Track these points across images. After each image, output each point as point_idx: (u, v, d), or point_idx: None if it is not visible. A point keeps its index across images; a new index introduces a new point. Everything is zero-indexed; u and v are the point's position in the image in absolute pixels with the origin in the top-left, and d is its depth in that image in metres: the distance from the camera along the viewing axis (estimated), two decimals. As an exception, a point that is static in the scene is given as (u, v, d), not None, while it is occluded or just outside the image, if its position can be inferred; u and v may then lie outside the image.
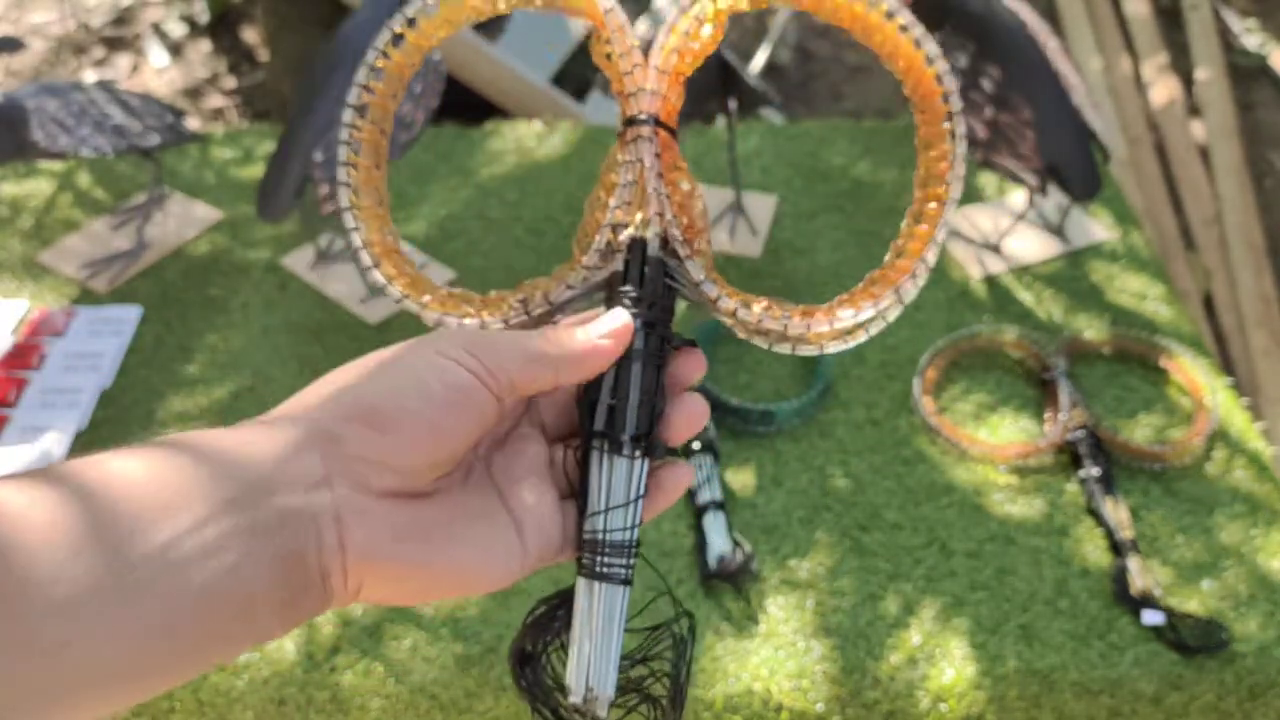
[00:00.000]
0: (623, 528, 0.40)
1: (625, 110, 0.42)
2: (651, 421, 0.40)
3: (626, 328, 0.40)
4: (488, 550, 0.39)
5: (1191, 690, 0.87)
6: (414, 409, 0.37)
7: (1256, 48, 2.38)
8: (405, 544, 0.37)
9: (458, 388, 0.38)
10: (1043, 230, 1.28)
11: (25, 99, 1.12)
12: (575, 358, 0.40)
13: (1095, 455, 1.00)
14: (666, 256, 0.42)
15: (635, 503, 0.40)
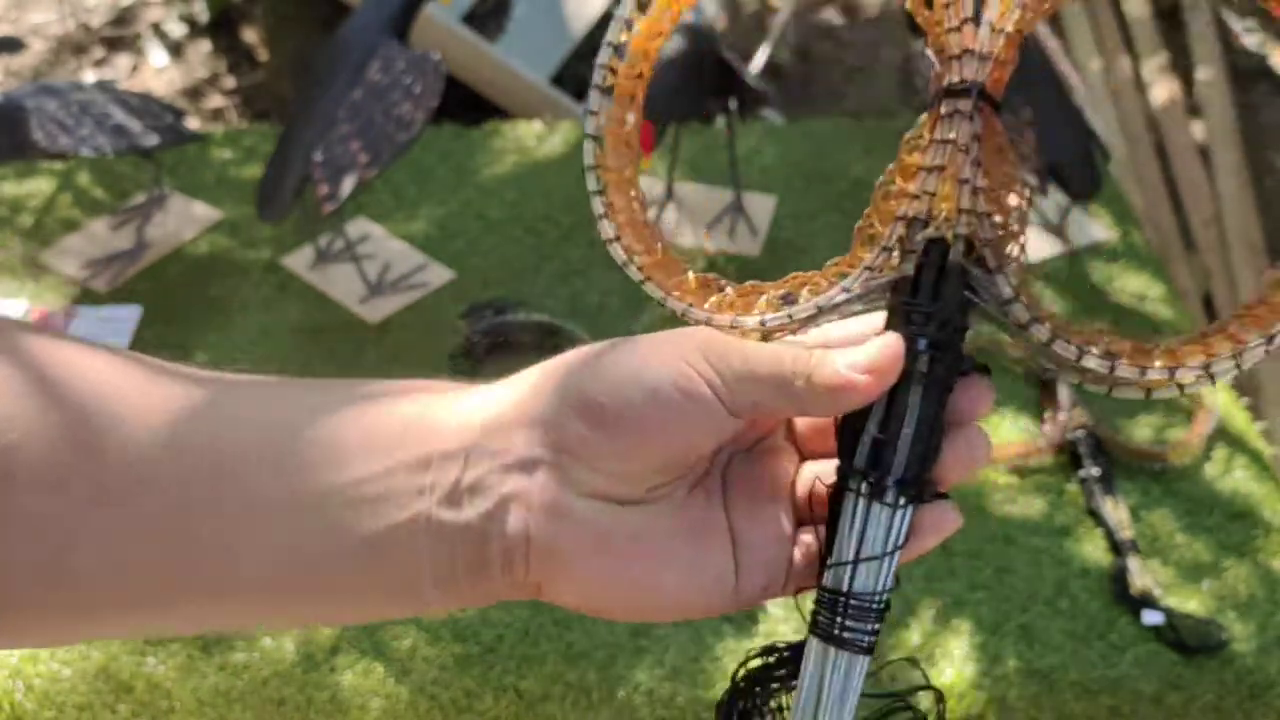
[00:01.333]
0: (873, 588, 0.35)
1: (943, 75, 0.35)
2: (925, 464, 0.34)
3: (895, 359, 0.33)
4: (694, 576, 0.35)
5: (1191, 690, 0.87)
6: (644, 412, 0.33)
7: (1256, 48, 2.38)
8: (598, 552, 0.33)
9: (694, 397, 0.33)
10: (1043, 230, 1.28)
11: (25, 99, 1.12)
12: (826, 392, 0.33)
13: (1095, 455, 1.00)
14: (970, 265, 0.34)
15: (890, 556, 0.35)
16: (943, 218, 0.33)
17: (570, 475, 0.33)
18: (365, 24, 1.12)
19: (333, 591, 0.34)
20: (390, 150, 1.09)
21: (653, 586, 0.34)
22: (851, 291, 0.34)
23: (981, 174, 0.34)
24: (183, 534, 0.32)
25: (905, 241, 0.34)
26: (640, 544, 0.34)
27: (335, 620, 0.33)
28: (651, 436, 0.33)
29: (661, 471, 0.34)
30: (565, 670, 0.87)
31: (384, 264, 1.23)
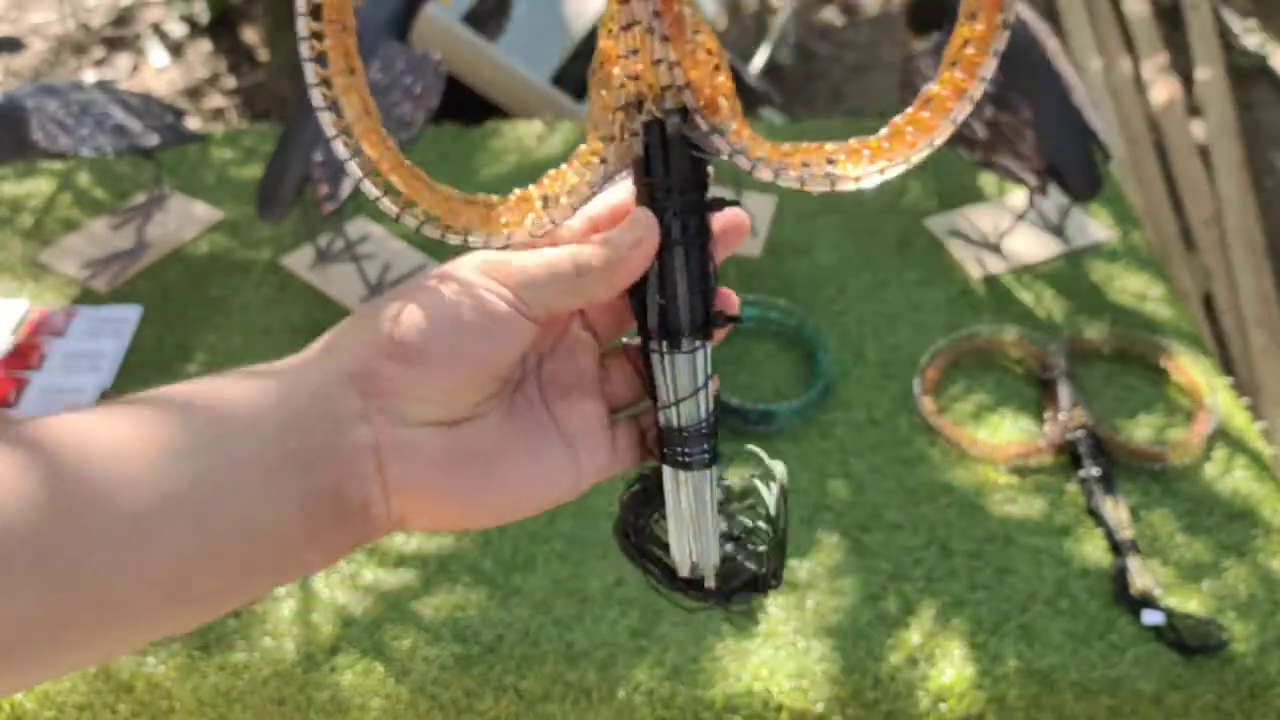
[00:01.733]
0: (698, 417, 0.39)
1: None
2: (707, 306, 0.38)
3: (648, 229, 0.38)
4: (537, 470, 0.39)
5: (1191, 690, 0.87)
6: (448, 341, 0.36)
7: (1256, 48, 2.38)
8: (446, 472, 0.37)
9: (493, 316, 0.37)
10: (1043, 230, 1.28)
11: (25, 99, 1.12)
12: (600, 276, 0.38)
13: (1095, 455, 1.00)
14: (688, 130, 0.37)
15: (703, 389, 0.39)
16: (651, 98, 0.37)
17: (400, 413, 0.36)
18: (365, 24, 1.12)
19: (219, 587, 0.35)
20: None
21: (500, 490, 0.38)
22: (598, 186, 0.39)
23: (671, 48, 0.36)
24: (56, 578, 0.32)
25: (627, 128, 0.37)
26: (480, 456, 0.38)
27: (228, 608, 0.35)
28: (462, 359, 0.37)
29: (480, 388, 0.37)
30: (565, 670, 0.87)
31: (384, 264, 1.23)
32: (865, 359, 1.12)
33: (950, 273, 1.23)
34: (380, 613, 0.91)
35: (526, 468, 0.39)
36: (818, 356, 1.10)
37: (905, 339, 1.15)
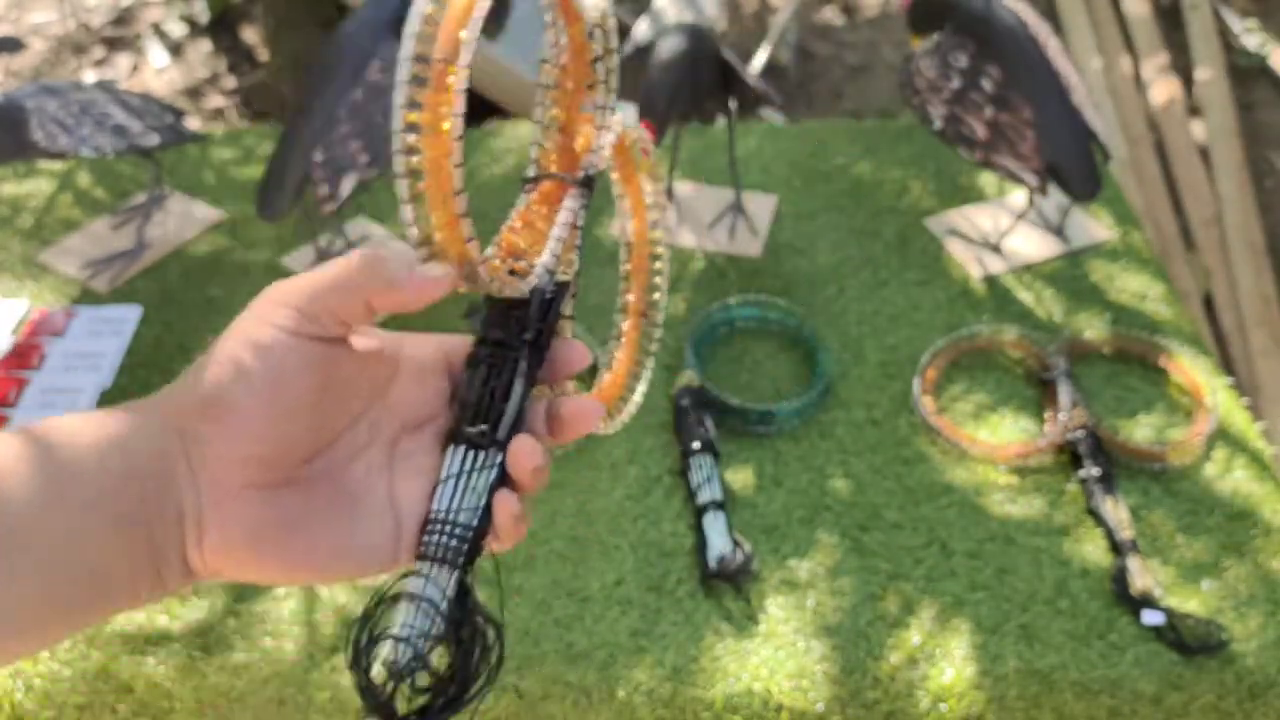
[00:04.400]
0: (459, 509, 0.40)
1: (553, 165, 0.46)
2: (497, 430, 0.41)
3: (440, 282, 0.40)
4: (351, 541, 0.39)
5: (1191, 690, 0.87)
6: (241, 395, 0.37)
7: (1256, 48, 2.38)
8: (259, 542, 0.38)
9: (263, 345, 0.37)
10: (1043, 230, 1.28)
11: (25, 99, 1.12)
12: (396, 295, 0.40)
13: (1095, 455, 1.00)
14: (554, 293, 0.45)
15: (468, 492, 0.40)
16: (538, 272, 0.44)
17: (223, 476, 0.37)
18: (365, 24, 1.12)
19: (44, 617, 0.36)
20: (390, 150, 1.09)
21: (311, 558, 0.39)
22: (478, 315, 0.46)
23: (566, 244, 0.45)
24: None
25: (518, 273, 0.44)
26: (298, 523, 0.38)
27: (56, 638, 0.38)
28: (262, 414, 0.37)
29: (298, 437, 0.38)
30: (565, 670, 0.87)
31: (384, 264, 1.23)
32: (865, 359, 1.12)
33: (950, 272, 1.23)
34: (380, 613, 0.91)
35: (342, 539, 0.39)
36: (818, 356, 1.10)
37: (905, 339, 1.15)
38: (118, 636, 0.90)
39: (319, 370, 0.38)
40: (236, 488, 0.37)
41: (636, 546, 0.96)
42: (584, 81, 0.46)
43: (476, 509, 0.40)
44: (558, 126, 0.46)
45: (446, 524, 0.40)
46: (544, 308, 0.44)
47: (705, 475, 0.99)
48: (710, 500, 0.97)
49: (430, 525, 0.40)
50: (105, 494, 0.36)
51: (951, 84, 1.16)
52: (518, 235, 0.45)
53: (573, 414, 0.42)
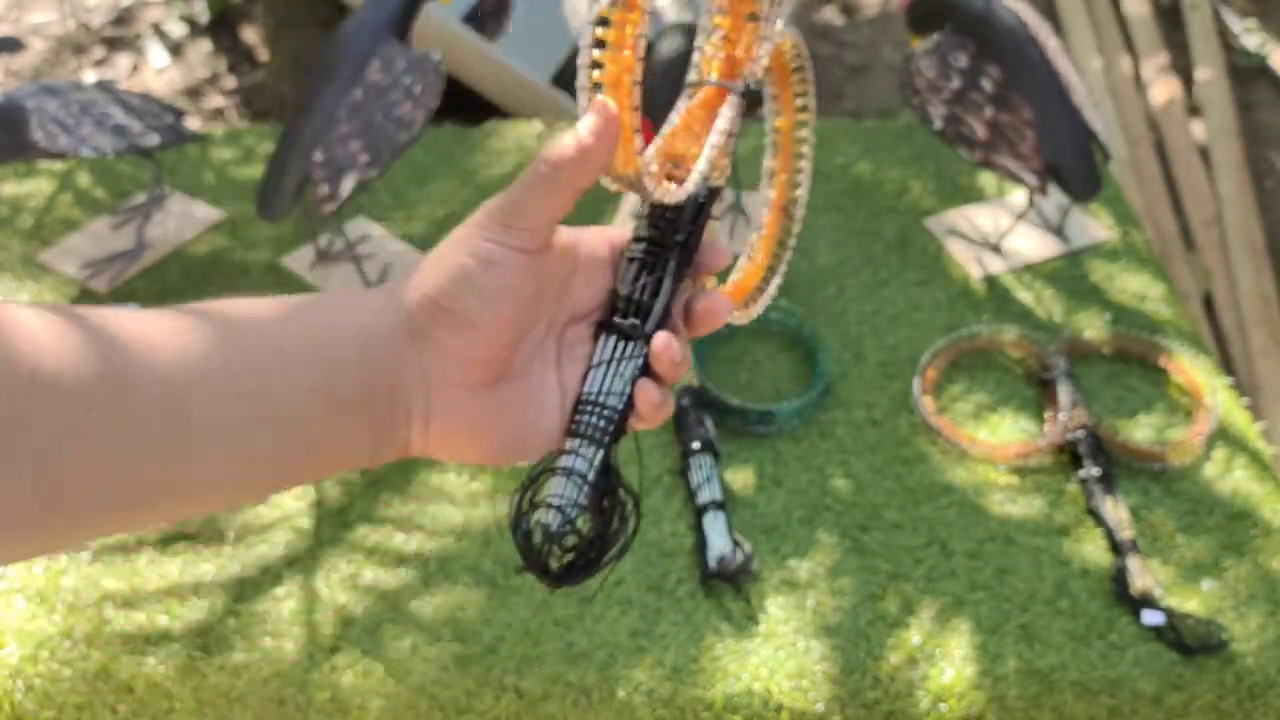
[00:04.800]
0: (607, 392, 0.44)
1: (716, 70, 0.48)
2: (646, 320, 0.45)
3: (609, 115, 0.42)
4: (538, 427, 0.44)
5: (1191, 690, 0.87)
6: (474, 305, 0.41)
7: (1256, 48, 2.38)
8: (476, 432, 0.43)
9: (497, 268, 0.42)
10: (1043, 230, 1.28)
11: (25, 99, 1.12)
12: (571, 164, 0.42)
13: (1095, 455, 1.00)
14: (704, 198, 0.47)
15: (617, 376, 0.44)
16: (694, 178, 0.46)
17: (451, 376, 0.42)
18: (365, 24, 1.12)
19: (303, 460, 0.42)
20: (390, 150, 1.09)
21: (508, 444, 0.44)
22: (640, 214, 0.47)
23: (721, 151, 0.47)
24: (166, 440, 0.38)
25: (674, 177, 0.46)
26: (501, 417, 0.43)
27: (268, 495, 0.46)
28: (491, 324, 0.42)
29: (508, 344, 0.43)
30: (565, 670, 0.87)
31: (384, 264, 1.23)
32: (865, 359, 1.12)
33: (950, 272, 1.23)
34: (380, 613, 0.91)
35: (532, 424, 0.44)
36: (818, 356, 1.10)
37: (905, 339, 1.15)
38: (118, 636, 0.90)
39: (532, 279, 0.43)
40: (462, 386, 0.42)
41: (636, 546, 0.96)
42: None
43: (622, 394, 0.44)
44: (721, 34, 0.48)
45: (595, 405, 0.44)
46: (696, 211, 0.47)
47: (705, 475, 0.98)
48: (710, 500, 0.97)
49: (581, 406, 0.44)
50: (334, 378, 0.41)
51: (951, 84, 1.16)
52: (677, 139, 0.47)
53: (705, 309, 0.45)
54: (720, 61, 0.48)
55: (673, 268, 0.45)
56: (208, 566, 0.95)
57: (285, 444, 0.41)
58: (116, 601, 0.92)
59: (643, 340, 0.44)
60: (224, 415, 0.39)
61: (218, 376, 0.39)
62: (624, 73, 0.42)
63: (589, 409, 0.44)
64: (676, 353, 0.44)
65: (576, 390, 0.45)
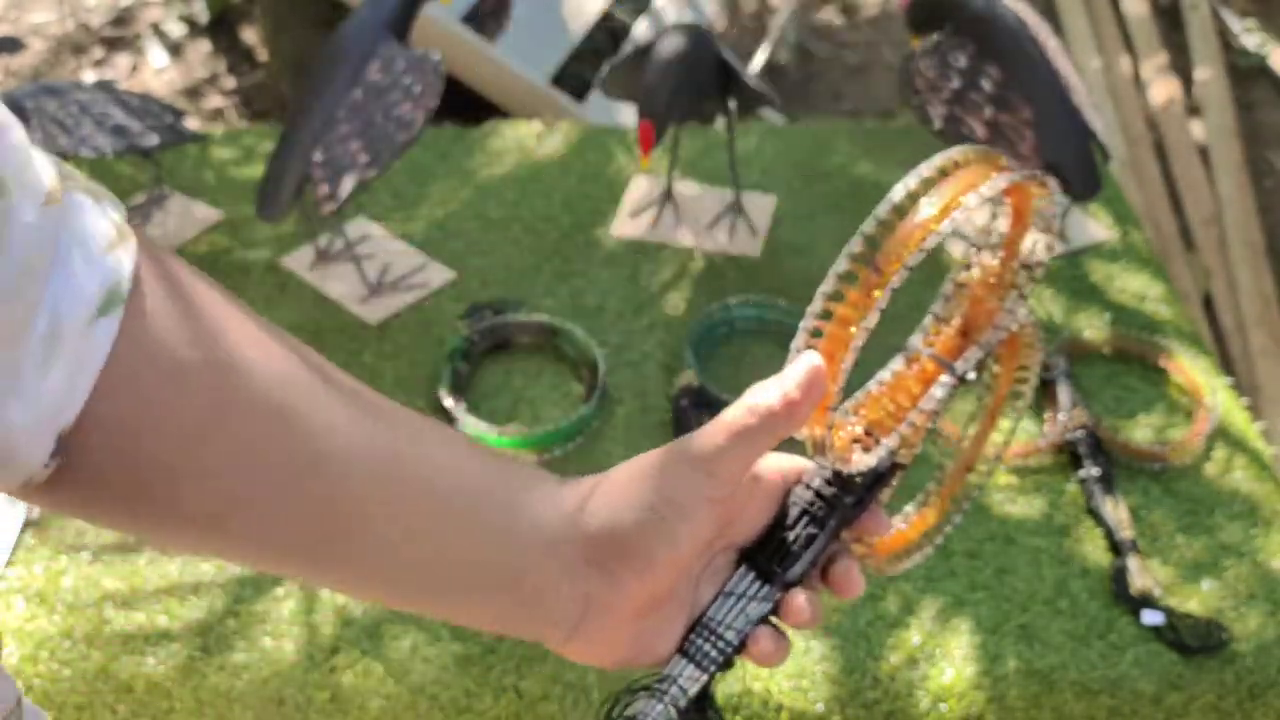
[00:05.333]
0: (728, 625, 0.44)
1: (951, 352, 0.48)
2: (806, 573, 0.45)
3: (818, 374, 0.43)
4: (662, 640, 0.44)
5: (1191, 690, 0.87)
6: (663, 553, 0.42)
7: (1256, 48, 2.38)
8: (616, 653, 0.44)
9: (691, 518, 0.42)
10: (1043, 230, 1.28)
11: (25, 99, 1.12)
12: (779, 414, 0.42)
13: (1095, 455, 1.00)
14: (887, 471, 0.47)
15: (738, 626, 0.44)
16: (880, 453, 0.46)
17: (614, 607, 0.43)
18: (365, 24, 1.12)
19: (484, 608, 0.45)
20: (390, 150, 1.09)
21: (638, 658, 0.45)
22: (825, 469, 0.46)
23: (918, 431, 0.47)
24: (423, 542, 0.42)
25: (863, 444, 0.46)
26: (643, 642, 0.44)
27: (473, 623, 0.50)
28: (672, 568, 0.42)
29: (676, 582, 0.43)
30: (565, 670, 0.87)
31: (384, 264, 1.23)
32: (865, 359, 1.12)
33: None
34: (380, 613, 0.91)
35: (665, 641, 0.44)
36: (818, 356, 1.10)
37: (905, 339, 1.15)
38: (118, 636, 0.90)
39: (717, 524, 0.43)
40: (622, 620, 0.43)
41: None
42: (1002, 282, 0.48)
43: (741, 631, 0.44)
44: (961, 313, 0.49)
45: (712, 634, 0.44)
46: (875, 480, 0.46)
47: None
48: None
49: (698, 629, 0.44)
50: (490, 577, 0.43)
51: (951, 84, 1.16)
52: (878, 403, 0.47)
53: (843, 576, 0.46)
54: (947, 338, 0.49)
55: (832, 526, 0.45)
56: (208, 566, 0.95)
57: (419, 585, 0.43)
58: (116, 601, 0.92)
59: (779, 587, 0.44)
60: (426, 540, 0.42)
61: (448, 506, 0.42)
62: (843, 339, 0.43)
63: (705, 635, 0.44)
64: (807, 613, 0.44)
65: (702, 610, 0.45)
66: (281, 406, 0.39)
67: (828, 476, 0.45)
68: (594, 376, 1.08)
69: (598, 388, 1.06)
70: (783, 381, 0.43)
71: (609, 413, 1.07)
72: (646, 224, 1.28)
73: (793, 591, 0.44)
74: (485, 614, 0.45)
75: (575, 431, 1.04)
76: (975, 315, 0.48)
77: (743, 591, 0.44)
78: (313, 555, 0.42)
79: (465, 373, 1.10)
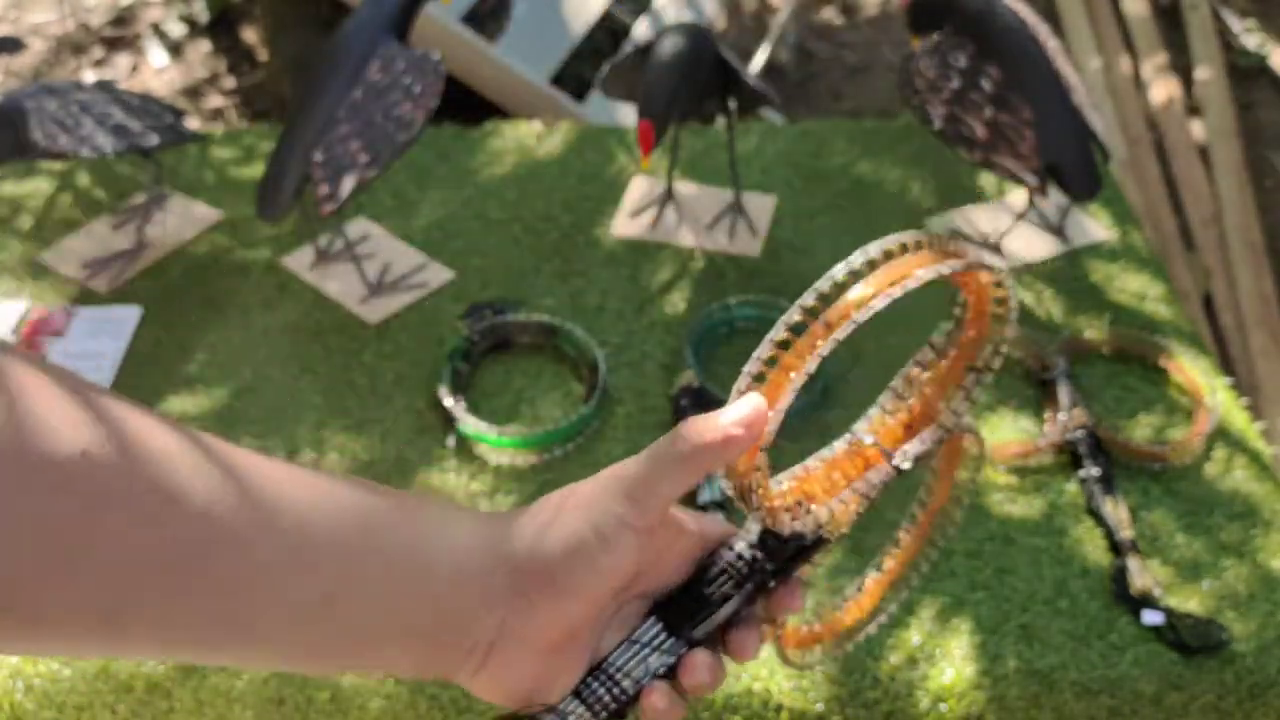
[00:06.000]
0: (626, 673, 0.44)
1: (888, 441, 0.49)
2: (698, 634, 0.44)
3: (760, 413, 0.42)
4: (562, 681, 0.44)
5: (1191, 690, 0.87)
6: (583, 581, 0.41)
7: (1256, 48, 2.38)
8: (522, 688, 0.43)
9: (615, 548, 0.41)
10: (1043, 230, 1.28)
11: (25, 99, 1.12)
12: (711, 449, 0.42)
13: (1095, 455, 1.00)
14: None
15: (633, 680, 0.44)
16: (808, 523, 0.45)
17: (527, 638, 0.42)
18: (365, 24, 1.12)
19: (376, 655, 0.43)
20: (390, 150, 1.09)
21: (541, 696, 0.43)
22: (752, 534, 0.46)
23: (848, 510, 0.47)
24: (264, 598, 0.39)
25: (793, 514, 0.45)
26: (550, 678, 0.43)
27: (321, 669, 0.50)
28: (593, 599, 0.42)
29: (595, 616, 0.43)
30: None
31: (384, 264, 1.23)
32: (865, 359, 1.12)
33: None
34: (380, 613, 0.91)
35: (568, 682, 0.44)
36: (818, 356, 1.10)
37: (905, 339, 1.15)
38: (118, 636, 0.90)
39: (640, 558, 0.42)
40: (533, 653, 0.42)
41: (636, 546, 0.96)
42: (951, 381, 0.49)
43: (638, 681, 0.43)
44: (907, 408, 0.49)
45: (610, 679, 0.43)
46: (799, 553, 0.46)
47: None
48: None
49: (598, 671, 0.44)
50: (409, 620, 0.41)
51: (951, 84, 1.16)
52: (813, 480, 0.47)
53: (737, 641, 0.45)
54: (892, 428, 0.49)
55: (749, 590, 0.45)
56: (208, 566, 0.95)
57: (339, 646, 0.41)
58: (116, 601, 0.92)
59: (684, 643, 0.44)
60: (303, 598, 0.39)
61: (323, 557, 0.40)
62: (783, 386, 0.42)
63: (602, 679, 0.43)
64: (704, 675, 0.43)
65: (603, 656, 0.44)
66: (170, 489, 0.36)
67: (753, 541, 0.45)
68: (594, 376, 1.08)
69: (598, 388, 1.06)
70: (723, 415, 0.42)
71: (609, 413, 1.07)
72: (646, 224, 1.28)
73: (696, 650, 0.44)
74: (405, 660, 0.43)
75: (575, 431, 1.04)
76: (923, 409, 0.49)
77: (647, 641, 0.44)
78: (217, 641, 0.39)
79: (465, 373, 1.10)
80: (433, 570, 0.41)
